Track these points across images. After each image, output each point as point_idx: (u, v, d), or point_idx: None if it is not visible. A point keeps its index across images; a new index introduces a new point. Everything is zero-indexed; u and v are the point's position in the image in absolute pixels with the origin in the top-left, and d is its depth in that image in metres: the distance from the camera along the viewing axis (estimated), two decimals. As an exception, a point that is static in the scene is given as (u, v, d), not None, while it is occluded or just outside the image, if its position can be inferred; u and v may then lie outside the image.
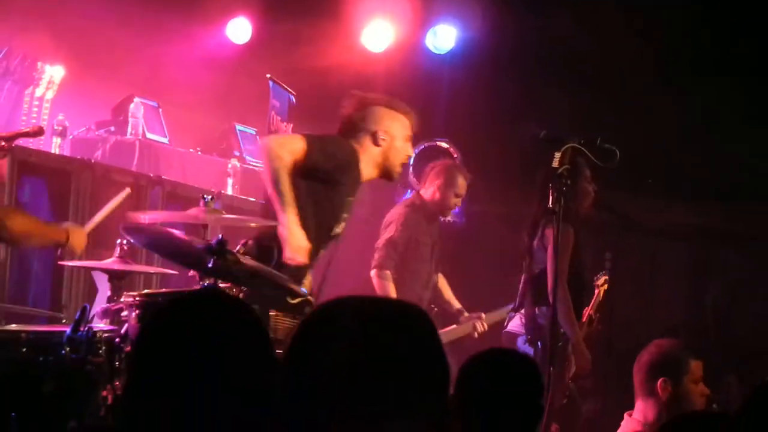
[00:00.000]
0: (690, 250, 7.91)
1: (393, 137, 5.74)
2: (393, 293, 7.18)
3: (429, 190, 7.67)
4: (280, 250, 5.24)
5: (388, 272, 7.30)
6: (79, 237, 5.13)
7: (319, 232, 5.47)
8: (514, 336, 6.99)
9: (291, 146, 5.41)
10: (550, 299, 6.08)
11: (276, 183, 5.28)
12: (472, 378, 3.48)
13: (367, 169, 5.72)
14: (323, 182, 5.48)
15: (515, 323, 7.04)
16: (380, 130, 5.71)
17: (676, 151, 9.57)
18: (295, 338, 2.03)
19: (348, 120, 5.74)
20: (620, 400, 5.98)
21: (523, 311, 6.90)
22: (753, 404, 2.75)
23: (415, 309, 2.10)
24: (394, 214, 7.61)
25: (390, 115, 5.78)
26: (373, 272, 7.33)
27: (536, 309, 6.77)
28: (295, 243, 5.19)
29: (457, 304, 7.81)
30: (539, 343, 6.63)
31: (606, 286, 7.47)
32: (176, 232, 4.96)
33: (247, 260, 4.98)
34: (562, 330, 6.48)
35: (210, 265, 4.66)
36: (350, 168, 5.59)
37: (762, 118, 9.18)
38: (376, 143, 5.71)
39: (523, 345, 6.79)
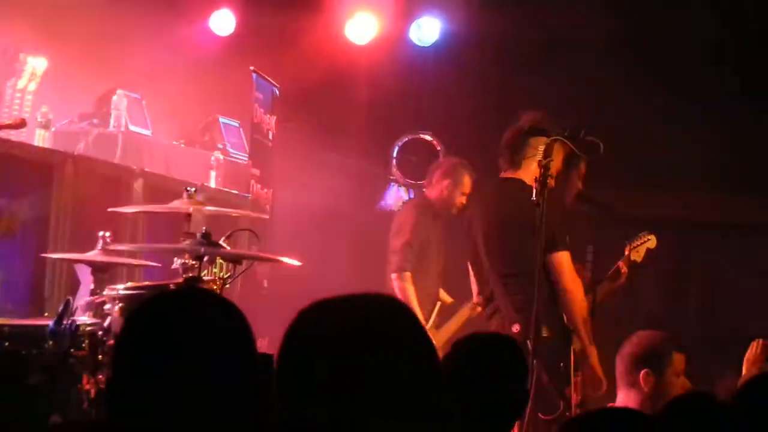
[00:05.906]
0: (673, 242, 7.91)
1: None
2: (413, 295, 7.40)
3: (435, 189, 7.80)
4: None
5: (407, 274, 7.50)
6: None
7: None
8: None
9: None
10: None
11: None
12: (455, 364, 3.47)
13: None
14: None
15: None
16: None
17: (657, 142, 9.58)
18: (284, 341, 2.03)
19: None
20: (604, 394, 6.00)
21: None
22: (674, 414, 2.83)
23: (395, 305, 2.08)
24: (404, 216, 7.77)
25: None
26: (393, 276, 7.51)
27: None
28: None
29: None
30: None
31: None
32: None
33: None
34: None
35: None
36: None
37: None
38: None
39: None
